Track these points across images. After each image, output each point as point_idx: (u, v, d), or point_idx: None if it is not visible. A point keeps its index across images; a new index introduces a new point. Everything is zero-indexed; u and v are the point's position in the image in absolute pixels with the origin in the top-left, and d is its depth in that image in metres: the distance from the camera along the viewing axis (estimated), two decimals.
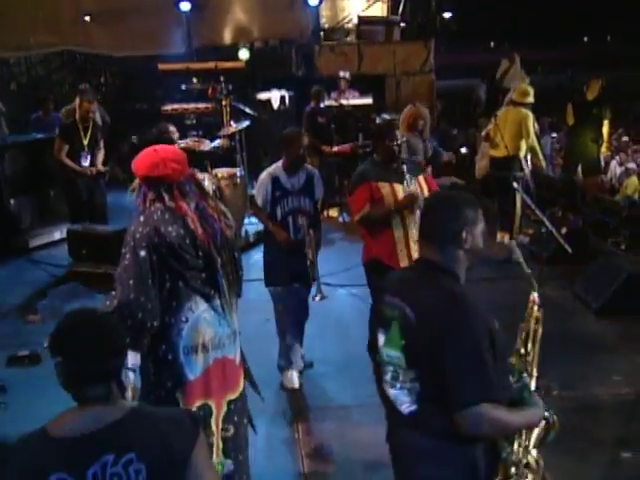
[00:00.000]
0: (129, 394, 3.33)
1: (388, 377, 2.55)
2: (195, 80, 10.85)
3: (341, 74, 11.13)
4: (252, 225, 9.03)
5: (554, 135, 15.23)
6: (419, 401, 2.45)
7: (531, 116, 8.34)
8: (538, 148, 8.54)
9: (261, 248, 8.84)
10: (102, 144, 8.72)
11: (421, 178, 5.05)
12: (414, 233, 4.77)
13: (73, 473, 1.95)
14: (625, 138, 17.82)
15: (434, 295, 2.49)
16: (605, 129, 10.81)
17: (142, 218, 3.40)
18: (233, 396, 3.60)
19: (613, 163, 14.80)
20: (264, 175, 5.28)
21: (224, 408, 3.53)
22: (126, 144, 12.70)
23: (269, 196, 5.19)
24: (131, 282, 3.27)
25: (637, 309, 6.47)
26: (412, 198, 4.83)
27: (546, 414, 2.70)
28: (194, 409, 3.44)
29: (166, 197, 3.44)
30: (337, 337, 5.96)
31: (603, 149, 11.68)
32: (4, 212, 8.73)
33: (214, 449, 3.49)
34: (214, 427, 3.51)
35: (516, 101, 8.45)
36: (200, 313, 3.47)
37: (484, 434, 2.39)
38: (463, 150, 14.61)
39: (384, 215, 4.88)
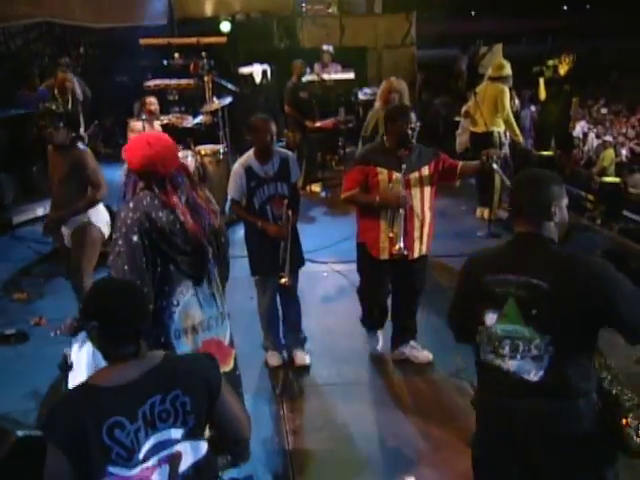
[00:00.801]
0: None
1: (506, 350, 2.63)
2: (177, 55, 10.77)
3: (324, 47, 11.13)
4: None
5: (533, 108, 15.28)
6: (550, 365, 2.56)
7: (506, 91, 8.40)
8: (514, 123, 8.59)
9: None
10: (81, 118, 8.66)
11: (426, 168, 4.98)
12: (399, 227, 4.87)
13: (125, 415, 2.24)
14: (603, 110, 17.94)
15: (568, 261, 2.63)
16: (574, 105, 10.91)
17: (132, 204, 3.44)
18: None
19: (591, 135, 14.91)
20: (236, 167, 5.16)
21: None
22: (109, 118, 12.66)
23: (244, 187, 5.05)
24: (126, 267, 3.33)
25: None
26: (397, 200, 4.84)
27: None
28: None
29: (156, 190, 3.48)
30: (321, 314, 6.03)
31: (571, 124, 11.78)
32: None
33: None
34: None
35: (492, 76, 8.51)
36: (190, 297, 3.57)
37: None
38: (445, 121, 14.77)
39: (368, 203, 4.93)
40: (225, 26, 12.65)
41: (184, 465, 2.38)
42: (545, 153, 9.77)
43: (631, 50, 25.60)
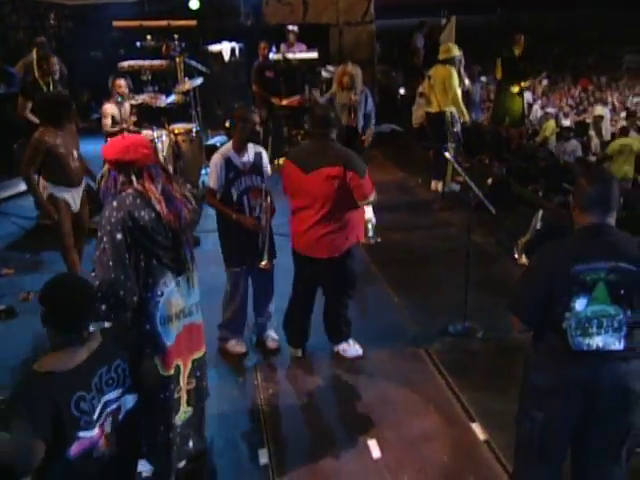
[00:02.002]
0: None
1: (594, 328, 2.80)
2: (149, 37, 10.57)
3: (290, 28, 10.97)
4: (208, 175, 9.06)
5: (483, 79, 15.26)
6: (625, 336, 2.80)
7: (454, 73, 8.45)
8: (461, 103, 8.61)
9: None
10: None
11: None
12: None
13: (84, 390, 2.60)
14: (545, 82, 18.06)
15: (635, 243, 2.86)
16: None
17: (115, 203, 3.47)
18: (197, 355, 3.84)
19: (535, 107, 15.08)
20: (216, 157, 4.98)
21: (189, 365, 3.76)
22: (84, 94, 12.43)
23: (223, 178, 4.92)
24: (110, 263, 3.37)
25: None
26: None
27: None
28: (171, 371, 3.68)
29: (135, 180, 3.53)
30: (287, 288, 6.13)
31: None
32: None
33: (181, 400, 3.75)
34: (182, 382, 3.75)
35: (441, 59, 8.54)
36: (173, 287, 3.63)
37: None
38: (401, 91, 14.75)
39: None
40: (194, 4, 12.39)
41: (122, 415, 2.84)
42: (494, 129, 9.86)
43: (574, 21, 25.72)
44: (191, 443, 3.86)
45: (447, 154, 5.11)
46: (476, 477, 3.90)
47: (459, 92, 8.50)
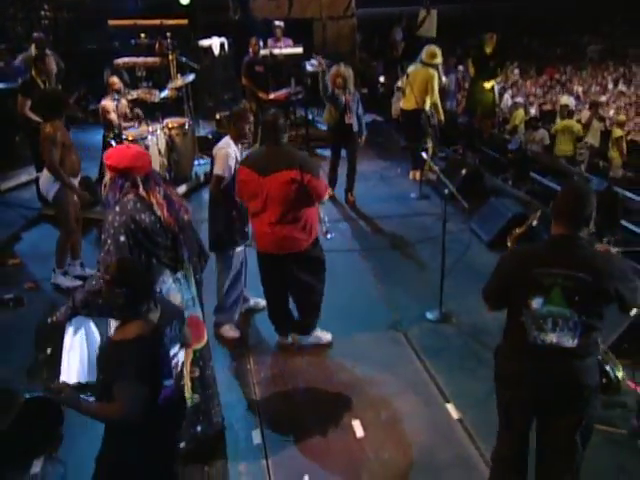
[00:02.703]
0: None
1: (548, 326, 2.92)
2: (143, 35, 10.47)
3: (277, 23, 10.93)
4: (201, 166, 9.07)
5: (461, 68, 15.15)
6: (581, 335, 2.90)
7: (436, 76, 8.46)
8: (439, 105, 8.65)
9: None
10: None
11: None
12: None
13: (162, 346, 2.82)
14: (516, 71, 18.06)
15: (601, 261, 2.91)
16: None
17: (118, 208, 3.53)
18: (199, 346, 3.90)
19: (505, 96, 15.05)
20: (228, 150, 5.00)
21: (191, 355, 3.80)
22: (82, 86, 12.28)
23: (233, 170, 4.97)
24: None
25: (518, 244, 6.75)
26: None
27: None
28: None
29: (141, 186, 3.58)
30: None
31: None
32: None
33: (186, 387, 3.83)
34: (185, 371, 3.82)
35: (425, 62, 8.50)
36: (170, 283, 3.70)
37: None
38: (381, 79, 14.70)
39: None
40: None
41: (180, 366, 3.04)
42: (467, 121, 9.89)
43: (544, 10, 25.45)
44: (199, 427, 3.94)
45: (424, 154, 5.18)
46: (450, 454, 4.01)
47: (438, 96, 8.54)
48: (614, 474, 3.73)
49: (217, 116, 10.68)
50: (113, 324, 3.59)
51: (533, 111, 14.15)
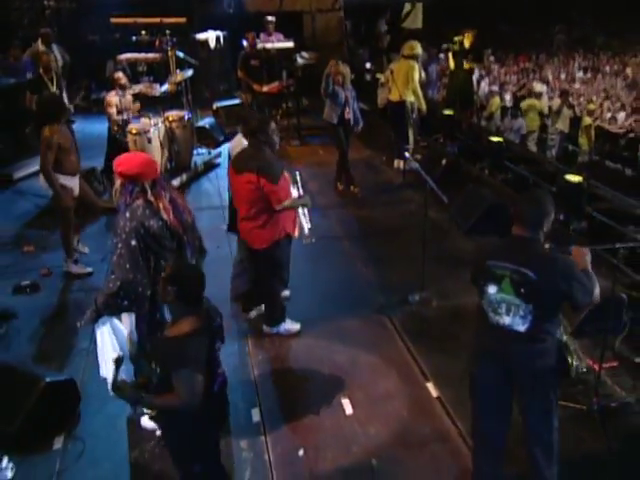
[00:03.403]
0: (127, 346, 3.69)
1: (502, 310, 3.10)
2: (144, 32, 10.38)
3: (269, 18, 10.83)
4: (200, 156, 9.08)
5: (442, 56, 15.01)
6: (532, 322, 3.05)
7: (416, 67, 8.48)
8: (420, 94, 8.64)
9: (210, 177, 9.01)
10: (64, 85, 8.41)
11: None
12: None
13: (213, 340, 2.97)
14: (491, 58, 17.91)
15: (551, 263, 3.05)
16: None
17: (128, 214, 3.62)
18: None
19: (482, 84, 14.98)
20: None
21: None
22: (84, 77, 12.20)
23: None
24: (127, 266, 3.55)
25: (494, 232, 6.71)
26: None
27: None
28: None
29: (149, 191, 3.66)
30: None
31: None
32: None
33: None
34: None
35: (406, 55, 8.51)
36: None
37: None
38: (367, 65, 14.64)
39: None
40: None
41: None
42: (447, 112, 9.88)
43: None
44: None
45: (407, 154, 5.26)
46: (430, 429, 4.12)
47: (418, 85, 8.53)
48: (575, 446, 3.85)
49: (214, 107, 10.70)
50: (126, 318, 3.72)
51: (508, 97, 14.10)
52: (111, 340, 3.56)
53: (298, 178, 5.06)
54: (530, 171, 8.20)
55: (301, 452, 3.96)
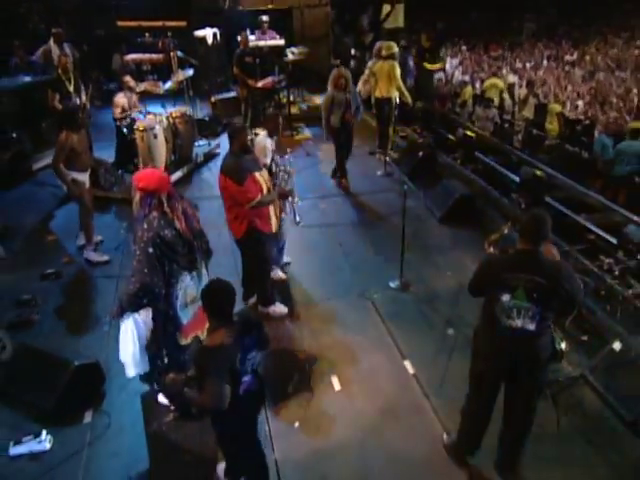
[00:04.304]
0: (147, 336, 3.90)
1: (514, 314, 3.33)
2: (147, 35, 10.29)
3: (263, 18, 10.74)
4: (200, 147, 9.11)
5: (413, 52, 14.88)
6: (539, 321, 3.29)
7: (397, 66, 8.48)
8: (404, 90, 8.67)
9: (209, 165, 9.02)
10: (81, 84, 8.38)
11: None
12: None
13: (239, 351, 3.07)
14: (464, 48, 17.75)
15: (555, 270, 3.27)
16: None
17: (145, 225, 3.76)
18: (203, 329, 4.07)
19: (456, 73, 14.94)
20: (267, 142, 5.30)
21: (205, 333, 4.04)
22: (94, 70, 12.07)
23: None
24: (145, 270, 3.69)
25: (463, 220, 6.87)
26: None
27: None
28: (189, 340, 4.07)
29: (165, 203, 3.81)
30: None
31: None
32: (10, 143, 8.34)
33: None
34: None
35: (384, 56, 8.48)
36: (188, 282, 3.97)
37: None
38: (352, 52, 14.55)
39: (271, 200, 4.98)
40: None
41: (257, 365, 3.26)
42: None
43: None
44: None
45: (387, 158, 5.40)
46: (407, 402, 4.33)
47: (401, 81, 8.55)
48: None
49: (212, 99, 10.69)
50: (144, 313, 3.90)
51: (478, 86, 14.06)
52: (132, 333, 3.78)
53: (281, 174, 5.34)
54: (497, 162, 8.36)
55: (296, 424, 4.14)
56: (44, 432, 4.09)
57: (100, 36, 12.48)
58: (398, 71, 8.50)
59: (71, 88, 7.89)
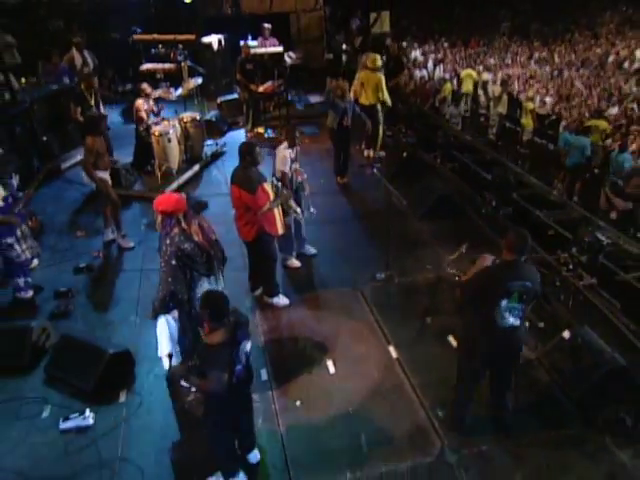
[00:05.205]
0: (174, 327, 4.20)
1: (507, 314, 3.65)
2: (160, 46, 10.33)
3: (265, 25, 10.75)
4: (209, 147, 9.23)
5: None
6: (520, 318, 3.69)
7: (382, 78, 8.58)
8: (388, 99, 8.77)
9: (218, 165, 9.15)
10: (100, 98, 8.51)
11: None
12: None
13: (235, 346, 3.34)
14: (445, 44, 17.56)
15: (534, 273, 3.69)
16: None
17: (168, 241, 4.03)
18: None
19: (437, 71, 14.89)
20: (285, 152, 5.72)
21: None
22: (110, 70, 12.08)
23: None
24: (170, 280, 3.98)
25: (443, 217, 7.00)
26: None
27: None
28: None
29: (182, 221, 4.07)
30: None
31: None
32: (40, 145, 8.45)
33: None
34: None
35: (371, 68, 8.55)
36: (206, 287, 4.21)
37: None
38: (344, 47, 14.55)
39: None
40: None
41: (248, 354, 3.48)
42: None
43: None
44: None
45: (374, 170, 5.66)
46: (390, 382, 4.57)
47: (386, 91, 8.66)
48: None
49: (218, 101, 10.79)
50: (175, 314, 4.20)
51: (456, 82, 14.10)
52: (166, 331, 4.09)
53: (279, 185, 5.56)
54: (472, 160, 8.53)
55: (298, 403, 4.38)
56: (87, 410, 4.35)
57: (115, 39, 12.42)
58: (384, 83, 8.62)
59: (92, 102, 8.03)
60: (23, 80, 9.80)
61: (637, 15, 19.09)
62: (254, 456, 3.97)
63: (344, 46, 14.39)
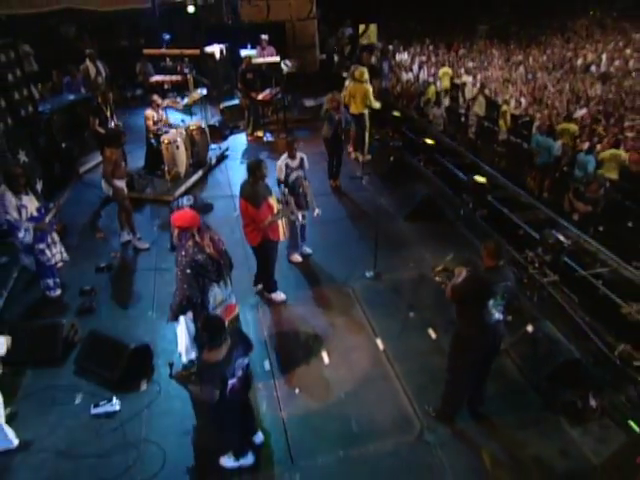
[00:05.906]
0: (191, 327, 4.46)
1: (494, 311, 3.88)
2: (168, 59, 10.40)
3: (263, 37, 10.84)
4: (213, 151, 9.38)
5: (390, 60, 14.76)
6: (502, 312, 3.94)
7: (370, 89, 8.68)
8: (374, 103, 8.82)
9: (221, 168, 9.28)
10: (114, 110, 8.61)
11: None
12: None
13: (230, 364, 3.45)
14: (431, 47, 17.56)
15: (511, 273, 3.95)
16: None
17: (183, 252, 4.26)
18: (231, 317, 4.71)
19: (422, 73, 14.96)
20: (281, 162, 5.99)
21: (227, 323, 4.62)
22: (120, 77, 12.13)
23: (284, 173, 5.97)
24: (185, 286, 4.21)
25: (426, 219, 7.15)
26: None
27: None
28: None
29: (196, 235, 4.30)
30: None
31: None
32: (60, 151, 8.56)
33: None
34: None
35: (359, 80, 8.63)
36: (216, 291, 4.48)
37: None
38: (336, 48, 14.62)
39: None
40: (191, 8, 12.00)
41: (244, 368, 3.63)
42: (395, 113, 10.18)
43: None
44: None
45: (363, 181, 5.90)
46: (377, 372, 4.78)
47: (373, 100, 8.77)
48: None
49: (220, 107, 10.90)
50: (190, 315, 4.45)
51: (439, 84, 14.17)
52: (185, 332, 4.35)
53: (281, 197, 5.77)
54: (453, 163, 8.71)
55: (297, 390, 4.58)
56: (114, 397, 4.59)
57: (124, 47, 12.44)
58: (370, 92, 8.73)
59: (108, 113, 8.14)
60: (40, 86, 9.88)
61: (607, 19, 19.15)
62: (258, 437, 4.26)
63: (336, 48, 14.50)
